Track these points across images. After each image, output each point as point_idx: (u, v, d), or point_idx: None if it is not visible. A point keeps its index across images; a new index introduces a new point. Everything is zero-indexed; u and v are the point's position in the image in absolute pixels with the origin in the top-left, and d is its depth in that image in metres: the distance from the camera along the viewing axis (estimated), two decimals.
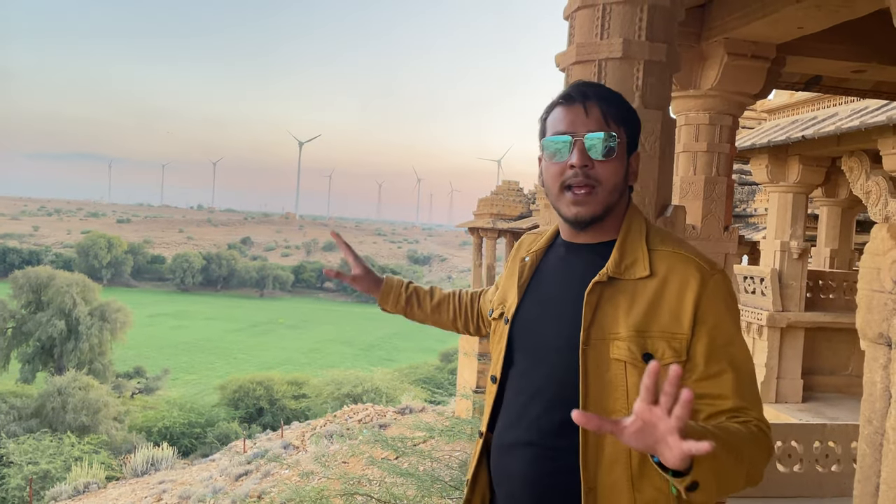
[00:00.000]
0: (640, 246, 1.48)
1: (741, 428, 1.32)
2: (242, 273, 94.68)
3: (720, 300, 1.41)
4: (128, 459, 19.27)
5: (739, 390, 1.38)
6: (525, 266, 1.64)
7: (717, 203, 5.14)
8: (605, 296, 1.45)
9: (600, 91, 1.54)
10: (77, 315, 35.42)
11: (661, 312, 1.41)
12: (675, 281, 1.42)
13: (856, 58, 5.26)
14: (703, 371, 1.39)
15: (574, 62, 2.67)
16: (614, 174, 1.48)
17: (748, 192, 15.62)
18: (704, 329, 1.39)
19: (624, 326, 1.41)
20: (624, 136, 1.50)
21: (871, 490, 1.31)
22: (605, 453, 1.41)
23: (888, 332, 1.29)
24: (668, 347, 1.39)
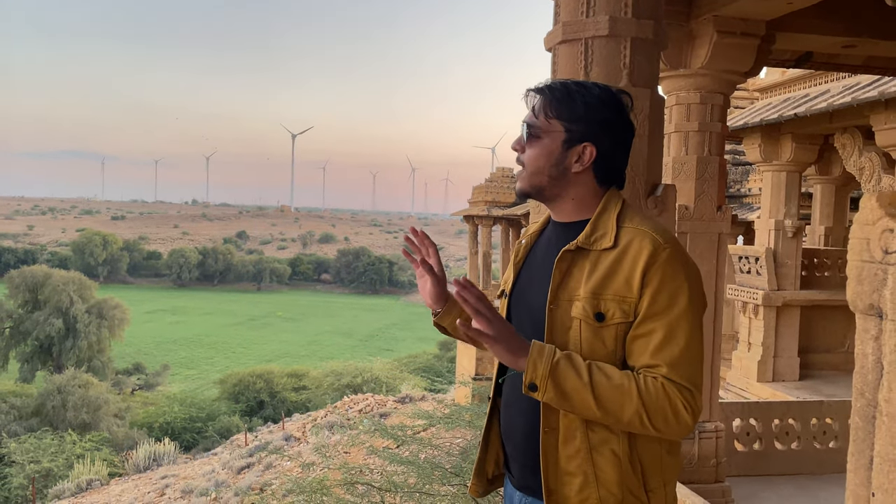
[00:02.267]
0: (609, 223, 1.64)
1: (628, 372, 1.53)
2: (239, 267, 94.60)
3: (667, 269, 1.56)
4: (130, 455, 19.32)
5: (659, 350, 1.53)
6: (520, 247, 1.83)
7: (710, 183, 5.12)
8: (574, 263, 1.63)
9: (549, 85, 1.71)
10: (74, 313, 35.37)
11: (616, 278, 1.57)
12: (631, 251, 1.58)
13: (846, 33, 5.23)
14: (635, 330, 1.56)
15: (560, 41, 2.64)
16: (534, 159, 1.68)
17: (742, 172, 15.60)
18: (648, 293, 1.54)
19: (583, 289, 1.59)
20: (559, 127, 1.65)
21: (864, 463, 1.30)
22: None
23: (879, 303, 1.27)
24: (619, 309, 1.56)
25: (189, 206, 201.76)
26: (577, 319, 1.59)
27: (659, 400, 1.50)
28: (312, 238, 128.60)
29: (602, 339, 1.59)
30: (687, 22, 5.02)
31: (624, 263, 1.58)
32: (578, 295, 1.60)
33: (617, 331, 1.58)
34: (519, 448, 1.73)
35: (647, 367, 1.54)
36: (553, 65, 2.80)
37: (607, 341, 1.59)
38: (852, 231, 1.33)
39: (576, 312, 1.59)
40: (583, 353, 1.58)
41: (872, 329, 1.30)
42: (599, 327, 1.58)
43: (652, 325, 1.55)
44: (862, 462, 1.32)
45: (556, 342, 1.61)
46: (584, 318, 1.58)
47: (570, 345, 1.60)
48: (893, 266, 1.25)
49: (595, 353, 1.58)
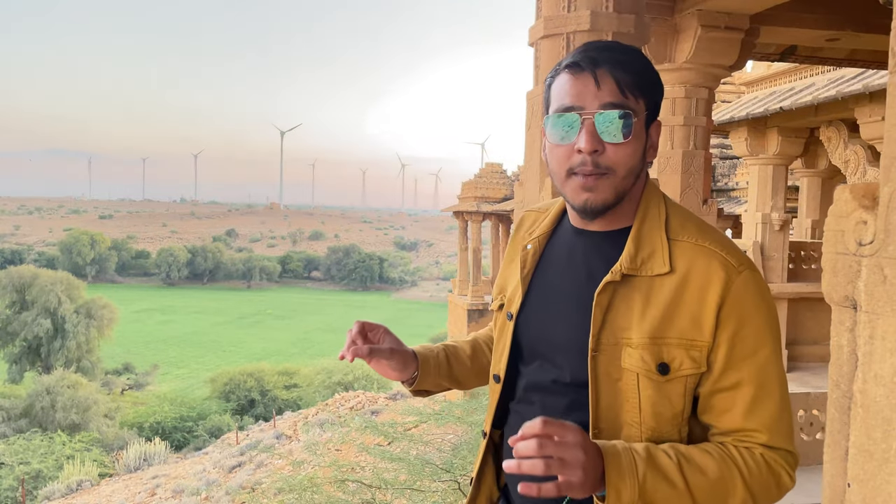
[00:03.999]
0: (658, 235, 1.29)
1: (734, 455, 1.22)
2: (228, 265, 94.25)
3: (747, 302, 1.23)
4: (120, 456, 19.24)
5: (753, 409, 1.23)
6: (528, 255, 1.44)
7: (696, 176, 5.15)
8: (617, 294, 1.27)
9: (614, 55, 1.25)
10: (62, 313, 35.14)
11: (680, 316, 1.23)
12: (696, 280, 1.23)
13: (829, 26, 5.26)
14: (715, 383, 1.24)
15: (542, 36, 2.64)
16: (630, 158, 1.25)
17: (729, 165, 15.69)
18: (725, 335, 1.22)
19: (637, 331, 1.24)
20: (643, 109, 1.26)
21: (840, 454, 1.31)
22: None
23: (853, 295, 1.28)
24: (687, 356, 1.23)
25: (177, 205, 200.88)
26: (633, 373, 1.24)
27: (762, 477, 1.22)
28: (302, 235, 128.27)
29: (668, 396, 1.25)
30: (671, 16, 5.04)
31: (688, 295, 1.23)
32: (630, 340, 1.25)
33: (686, 384, 1.25)
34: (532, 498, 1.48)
35: (740, 433, 1.24)
36: (535, 59, 2.80)
37: (674, 399, 1.25)
38: (827, 223, 1.34)
39: (631, 364, 1.24)
40: (643, 416, 1.25)
41: (847, 321, 1.31)
42: (664, 382, 1.24)
43: (737, 376, 1.23)
44: (838, 453, 1.33)
45: (600, 397, 1.27)
46: (643, 372, 1.24)
47: (627, 405, 1.26)
48: (867, 258, 1.26)
49: (660, 415, 1.25)
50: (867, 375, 1.26)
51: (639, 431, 1.25)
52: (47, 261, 78.02)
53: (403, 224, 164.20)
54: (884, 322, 1.23)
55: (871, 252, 1.26)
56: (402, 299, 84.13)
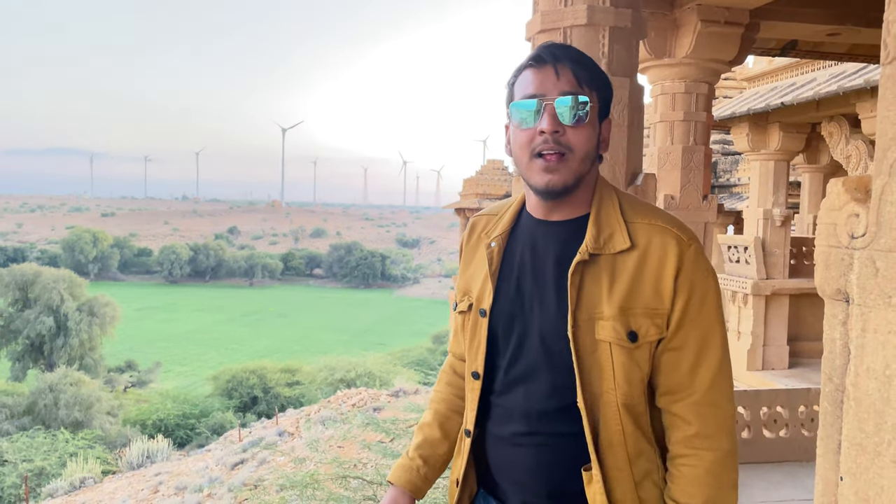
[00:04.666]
0: (615, 218, 1.43)
1: (706, 473, 1.37)
2: (230, 263, 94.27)
3: (699, 271, 1.39)
4: (123, 453, 19.23)
5: (696, 368, 1.39)
6: (493, 252, 1.54)
7: (696, 172, 5.14)
8: (587, 273, 1.40)
9: (572, 53, 1.43)
10: (65, 311, 35.19)
11: (643, 288, 1.38)
12: (654, 254, 1.38)
13: (829, 20, 5.24)
14: (667, 342, 1.39)
15: (539, 31, 2.63)
16: (587, 141, 1.40)
17: (731, 161, 15.65)
18: (681, 301, 1.37)
19: (607, 305, 1.37)
20: (596, 102, 1.42)
21: (833, 448, 1.31)
22: (602, 433, 1.41)
23: (846, 288, 1.28)
24: (652, 324, 1.38)
25: (179, 203, 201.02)
26: (606, 343, 1.37)
27: (725, 479, 1.40)
28: (304, 233, 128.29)
29: (637, 362, 1.39)
30: (671, 11, 5.03)
31: (648, 268, 1.38)
32: (601, 313, 1.38)
33: (651, 349, 1.40)
34: (524, 485, 1.51)
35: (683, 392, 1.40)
36: None
37: (642, 363, 1.40)
38: (819, 216, 1.34)
39: (604, 335, 1.37)
40: (617, 381, 1.38)
41: (840, 314, 1.31)
42: (634, 349, 1.38)
43: (684, 337, 1.39)
44: (831, 447, 1.33)
45: (583, 371, 1.40)
46: (615, 341, 1.37)
47: (603, 374, 1.39)
48: (859, 251, 1.26)
49: (632, 379, 1.39)
50: (859, 369, 1.26)
51: (614, 397, 1.38)
52: (50, 259, 78.12)
53: (405, 221, 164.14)
54: (876, 315, 1.22)
55: (863, 245, 1.26)
56: (404, 296, 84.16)
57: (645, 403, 1.43)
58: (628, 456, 1.40)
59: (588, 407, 1.39)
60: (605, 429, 1.40)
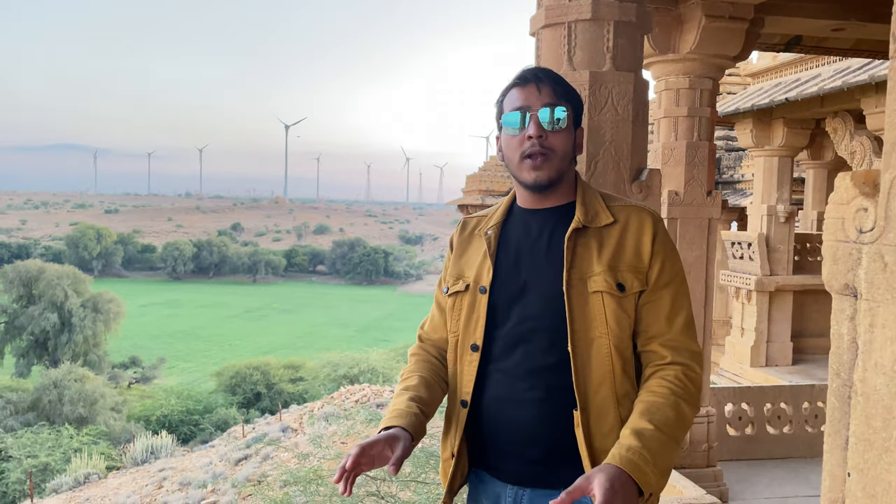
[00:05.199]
0: (597, 201, 1.74)
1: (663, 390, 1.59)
2: (234, 259, 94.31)
3: (668, 241, 1.72)
4: (127, 449, 19.29)
5: (672, 316, 1.66)
6: (490, 238, 1.78)
7: (700, 168, 5.12)
8: (578, 242, 1.68)
9: (550, 73, 1.76)
10: (69, 307, 35.26)
11: (626, 251, 1.67)
12: (633, 226, 1.69)
13: (834, 16, 5.21)
14: (648, 294, 1.67)
15: (544, 25, 2.62)
16: (565, 143, 1.70)
17: (735, 157, 15.60)
18: (658, 261, 1.67)
19: (598, 265, 1.65)
20: (571, 112, 1.72)
21: (840, 444, 1.30)
22: (592, 377, 1.63)
23: (853, 283, 1.27)
24: (635, 278, 1.66)
25: (183, 199, 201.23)
26: (599, 293, 1.64)
27: (691, 388, 1.62)
28: (307, 229, 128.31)
29: (625, 309, 1.65)
30: (675, 6, 5.00)
31: (629, 237, 1.68)
32: (593, 271, 1.65)
33: (635, 301, 1.67)
34: (520, 441, 1.69)
35: (663, 336, 1.65)
36: (537, 49, 2.78)
37: (629, 311, 1.66)
38: (827, 211, 1.33)
39: (597, 286, 1.64)
40: (609, 326, 1.64)
41: (847, 309, 1.30)
42: (622, 297, 1.65)
43: (661, 292, 1.67)
44: (838, 443, 1.32)
45: (575, 323, 1.64)
46: (607, 290, 1.64)
47: (596, 321, 1.64)
48: (867, 245, 1.25)
49: (622, 324, 1.64)
50: (867, 364, 1.25)
51: (607, 340, 1.63)
52: (54, 255, 78.24)
53: (408, 218, 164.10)
54: (884, 310, 1.22)
55: (871, 239, 1.25)
56: (408, 293, 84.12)
57: (631, 349, 1.67)
58: (616, 395, 1.63)
59: (578, 353, 1.63)
60: (596, 372, 1.63)
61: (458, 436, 1.75)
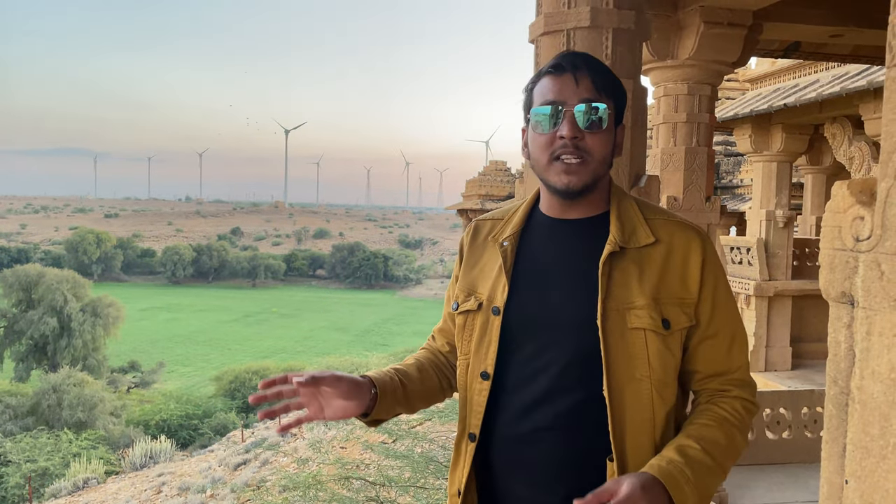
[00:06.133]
0: (634, 215, 1.49)
1: (724, 415, 1.42)
2: (233, 264, 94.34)
3: (718, 264, 1.48)
4: (126, 453, 19.27)
5: (731, 351, 1.46)
6: (507, 251, 1.54)
7: (699, 173, 5.13)
8: (615, 266, 1.44)
9: (590, 61, 1.48)
10: (69, 312, 35.26)
11: (671, 279, 1.43)
12: (679, 247, 1.45)
13: (833, 22, 5.23)
14: (703, 331, 1.45)
15: (543, 33, 2.64)
16: (604, 146, 1.44)
17: (734, 162, 15.63)
18: (708, 291, 1.44)
19: (639, 295, 1.41)
20: (612, 108, 1.46)
21: (838, 451, 1.31)
22: (629, 424, 1.41)
23: (850, 291, 1.28)
24: (682, 313, 1.43)
25: (182, 203, 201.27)
26: (641, 330, 1.41)
27: (745, 419, 1.46)
28: (307, 234, 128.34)
29: (670, 348, 1.43)
30: (674, 12, 5.02)
31: (674, 261, 1.44)
32: (633, 303, 1.41)
33: (681, 337, 1.45)
34: (537, 486, 1.47)
35: (724, 380, 1.46)
36: (536, 56, 2.79)
37: (674, 350, 1.44)
38: (824, 219, 1.34)
39: (640, 322, 1.41)
40: (652, 367, 1.41)
41: (844, 317, 1.30)
42: (667, 335, 1.42)
43: (718, 324, 1.46)
44: (836, 450, 1.33)
45: (611, 362, 1.41)
46: (651, 328, 1.41)
47: (638, 362, 1.41)
48: (864, 254, 1.25)
49: (666, 366, 1.43)
50: (864, 372, 1.26)
51: (649, 384, 1.40)
52: (53, 259, 78.26)
53: (408, 222, 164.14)
54: (881, 318, 1.22)
55: (868, 248, 1.26)
56: (407, 297, 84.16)
57: (675, 392, 1.46)
58: (655, 445, 1.41)
59: (614, 395, 1.40)
60: (634, 418, 1.40)
61: (465, 472, 1.54)
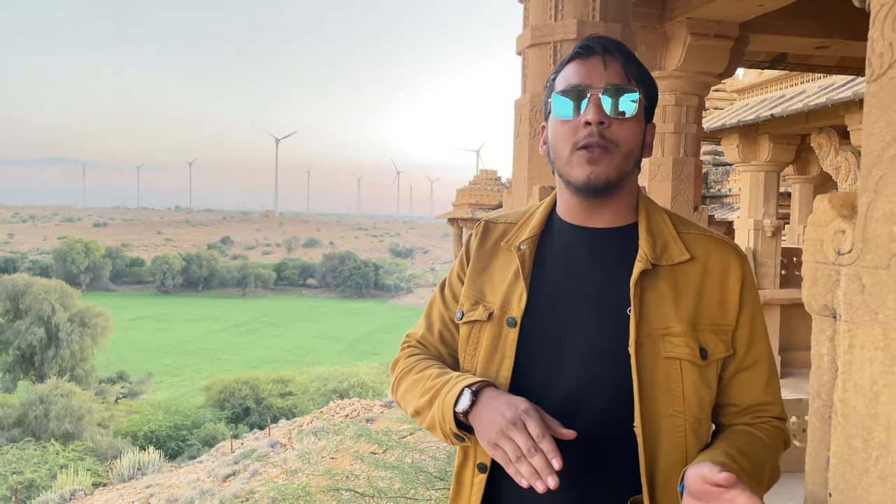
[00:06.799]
0: (666, 228, 1.34)
1: (762, 437, 1.29)
2: (223, 273, 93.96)
3: (755, 286, 1.35)
4: (114, 465, 19.11)
5: (769, 384, 1.33)
6: (525, 255, 1.38)
7: (686, 184, 5.16)
8: (646, 286, 1.28)
9: (622, 47, 1.34)
10: (56, 322, 34.99)
11: (708, 302, 1.29)
12: (716, 266, 1.31)
13: (818, 34, 5.29)
14: (740, 361, 1.32)
15: (530, 45, 2.65)
16: (633, 136, 1.29)
17: (722, 172, 15.73)
18: (746, 317, 1.31)
19: (676, 320, 1.26)
20: (643, 99, 1.32)
21: (821, 464, 1.31)
22: (661, 463, 1.27)
23: (832, 304, 1.28)
24: (719, 341, 1.29)
25: (172, 212, 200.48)
26: (676, 360, 1.25)
27: (780, 446, 1.32)
28: (297, 243, 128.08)
29: (707, 381, 1.28)
30: (661, 24, 5.06)
31: (711, 281, 1.30)
32: (671, 329, 1.26)
33: (717, 368, 1.30)
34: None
35: (758, 407, 1.33)
36: (523, 68, 2.81)
37: (711, 382, 1.29)
38: (807, 232, 1.35)
39: (674, 352, 1.25)
40: (688, 402, 1.26)
41: (827, 330, 1.31)
42: (704, 366, 1.27)
43: (756, 354, 1.32)
44: (819, 462, 1.33)
45: (644, 393, 1.25)
46: (688, 358, 1.25)
47: (671, 394, 1.26)
48: (846, 267, 1.26)
49: (702, 400, 1.28)
50: (847, 385, 1.26)
51: (683, 420, 1.26)
52: (41, 269, 77.73)
53: (399, 231, 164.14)
54: (863, 331, 1.23)
55: (849, 261, 1.26)
56: (398, 306, 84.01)
57: (710, 430, 1.32)
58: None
59: (646, 431, 1.25)
60: (667, 458, 1.26)
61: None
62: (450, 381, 1.31)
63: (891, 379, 1.16)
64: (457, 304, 1.48)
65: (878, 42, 1.24)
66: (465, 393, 1.25)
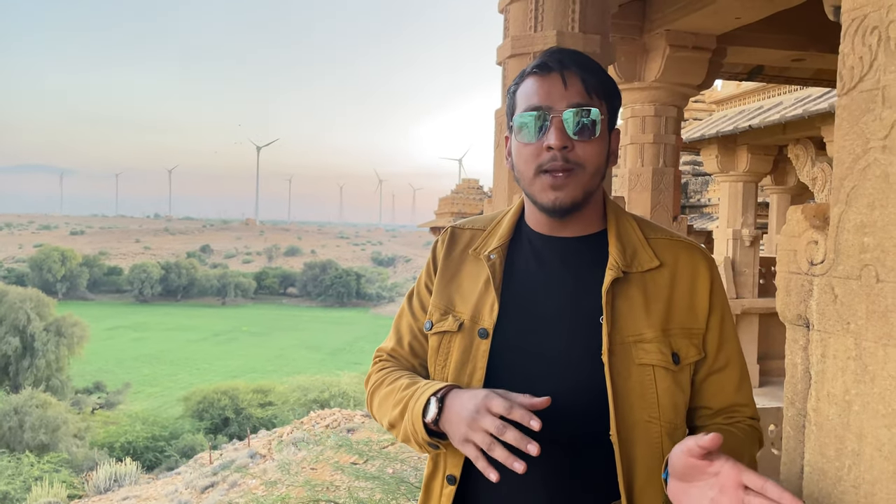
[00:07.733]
0: (634, 235, 1.34)
1: (737, 433, 1.30)
2: (203, 282, 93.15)
3: (723, 289, 1.35)
4: (90, 477, 18.80)
5: (741, 385, 1.34)
6: (495, 265, 1.36)
7: (666, 193, 5.21)
8: (618, 293, 1.28)
9: (580, 59, 1.30)
10: (32, 331, 34.47)
11: (678, 307, 1.29)
12: (685, 271, 1.31)
13: (794, 46, 5.38)
14: (711, 364, 1.33)
15: (510, 55, 2.67)
16: (598, 154, 1.28)
17: (702, 182, 15.89)
18: (715, 320, 1.32)
19: (647, 326, 1.27)
20: (606, 112, 1.29)
21: (796, 472, 1.32)
22: (638, 471, 1.26)
23: (806, 314, 1.30)
24: (691, 345, 1.29)
25: (151, 220, 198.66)
26: (649, 367, 1.25)
27: (754, 445, 1.34)
28: (278, 251, 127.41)
29: (680, 385, 1.28)
30: (640, 36, 5.12)
31: (680, 286, 1.30)
32: (643, 335, 1.26)
33: (690, 372, 1.31)
34: None
35: (730, 409, 1.34)
36: (503, 78, 2.83)
37: (685, 387, 1.29)
38: (780, 243, 1.36)
39: (646, 358, 1.25)
40: (662, 408, 1.25)
41: (801, 339, 1.33)
42: (677, 371, 1.27)
43: (726, 356, 1.33)
44: (794, 471, 1.34)
45: (625, 403, 1.25)
46: (661, 364, 1.26)
47: (644, 401, 1.25)
48: (818, 277, 1.28)
49: (677, 405, 1.27)
50: (820, 394, 1.28)
51: (658, 426, 1.26)
52: (17, 277, 76.67)
53: (381, 239, 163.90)
54: (835, 341, 1.24)
55: (822, 271, 1.28)
56: (380, 315, 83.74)
57: (685, 434, 1.30)
58: (663, 494, 1.24)
59: (622, 438, 1.24)
60: (642, 465, 1.25)
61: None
62: (417, 391, 1.31)
63: (863, 388, 1.17)
64: (425, 314, 1.45)
65: (848, 56, 1.26)
66: (432, 402, 1.25)
